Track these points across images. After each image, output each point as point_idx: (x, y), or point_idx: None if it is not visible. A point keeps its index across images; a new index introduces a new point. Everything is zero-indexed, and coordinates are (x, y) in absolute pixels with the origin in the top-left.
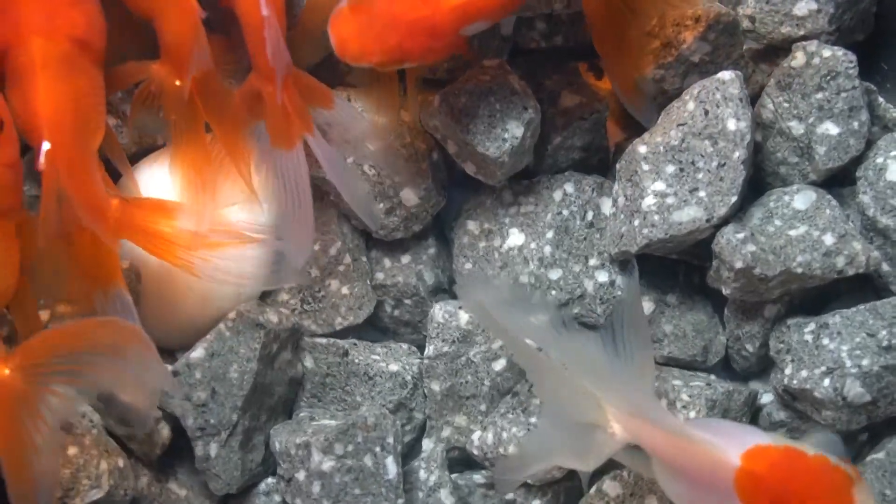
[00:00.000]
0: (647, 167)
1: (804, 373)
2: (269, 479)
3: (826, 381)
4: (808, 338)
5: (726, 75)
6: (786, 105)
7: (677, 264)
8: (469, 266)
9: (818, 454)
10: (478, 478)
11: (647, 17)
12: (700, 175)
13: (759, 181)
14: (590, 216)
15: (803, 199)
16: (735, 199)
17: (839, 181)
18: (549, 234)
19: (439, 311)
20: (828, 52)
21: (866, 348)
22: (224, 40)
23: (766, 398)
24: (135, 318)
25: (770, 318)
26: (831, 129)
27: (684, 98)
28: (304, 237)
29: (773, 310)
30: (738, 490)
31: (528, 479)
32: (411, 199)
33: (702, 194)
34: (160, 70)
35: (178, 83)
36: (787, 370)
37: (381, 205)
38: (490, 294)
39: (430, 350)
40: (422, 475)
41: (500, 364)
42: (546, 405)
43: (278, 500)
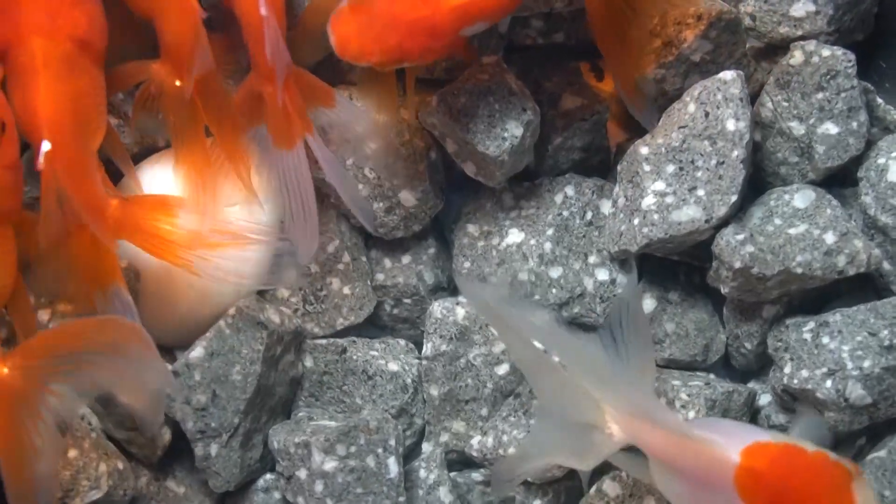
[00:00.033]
0: (648, 168)
1: (804, 372)
2: (268, 476)
3: (828, 383)
4: (807, 336)
5: (728, 75)
6: (785, 104)
7: (678, 265)
8: (468, 265)
9: (818, 450)
10: (476, 476)
11: (649, 15)
12: (699, 174)
13: (759, 181)
14: (589, 215)
15: (803, 197)
16: (735, 198)
17: (840, 181)
18: (549, 231)
19: (438, 307)
20: (827, 51)
21: (868, 348)
22: (224, 40)
23: (765, 399)
24: (135, 316)
25: (768, 318)
26: (831, 128)
27: (685, 100)
28: (309, 236)
29: (771, 310)
30: (738, 487)
31: (529, 478)
32: (409, 200)
33: (700, 193)
34: (160, 70)
35: (178, 83)
36: (787, 369)
37: (381, 204)
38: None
39: (427, 349)
40: (421, 474)
41: (503, 368)
42: (544, 404)
43: (278, 496)
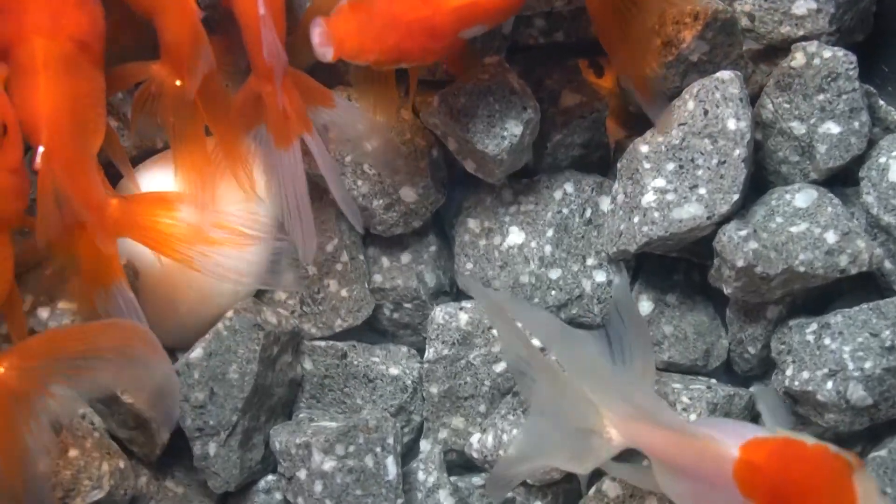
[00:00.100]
0: (648, 165)
1: (805, 374)
2: (270, 477)
3: (829, 384)
4: (810, 338)
5: (725, 75)
6: (786, 106)
7: (677, 263)
8: (470, 266)
9: (817, 443)
10: (477, 480)
11: (649, 12)
12: (700, 172)
13: (760, 179)
14: (588, 213)
15: (804, 197)
16: (737, 196)
17: (842, 181)
18: (549, 233)
19: (440, 312)
20: (828, 52)
21: (869, 349)
22: (223, 41)
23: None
24: (138, 314)
25: (772, 319)
26: (832, 128)
27: (684, 97)
28: (306, 235)
29: (775, 311)
30: (738, 481)
31: (528, 480)
32: (410, 195)
33: (702, 191)
34: (160, 70)
35: (178, 83)
36: (789, 371)
37: (381, 201)
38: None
39: (429, 353)
40: (420, 476)
41: (500, 366)
42: (540, 407)
43: (279, 497)
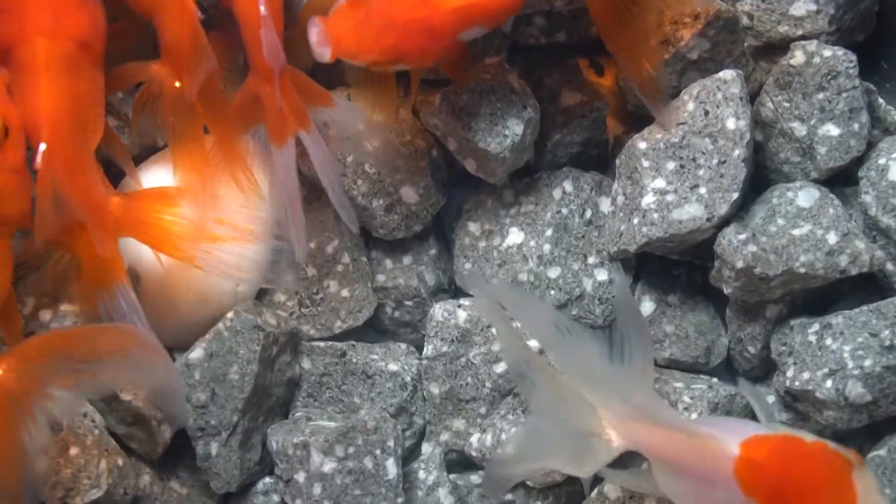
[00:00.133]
0: (647, 164)
1: (806, 374)
2: (267, 479)
3: (828, 383)
4: (812, 339)
5: (728, 74)
6: (786, 105)
7: (678, 264)
8: (469, 266)
9: (817, 440)
10: (475, 478)
11: (649, 13)
12: (700, 171)
13: (762, 179)
14: (588, 214)
15: (807, 196)
16: (737, 196)
17: (842, 181)
18: (549, 232)
19: (439, 309)
20: (828, 51)
21: (869, 348)
22: (222, 40)
23: (768, 400)
24: (140, 315)
25: (772, 318)
26: (832, 130)
27: (683, 98)
28: (298, 231)
29: (774, 310)
30: (738, 479)
31: (528, 482)
32: (411, 196)
33: (702, 191)
34: (160, 70)
35: (177, 84)
36: (790, 372)
37: (381, 202)
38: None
39: (428, 350)
40: (420, 475)
41: (501, 366)
42: (540, 408)
43: (277, 499)
